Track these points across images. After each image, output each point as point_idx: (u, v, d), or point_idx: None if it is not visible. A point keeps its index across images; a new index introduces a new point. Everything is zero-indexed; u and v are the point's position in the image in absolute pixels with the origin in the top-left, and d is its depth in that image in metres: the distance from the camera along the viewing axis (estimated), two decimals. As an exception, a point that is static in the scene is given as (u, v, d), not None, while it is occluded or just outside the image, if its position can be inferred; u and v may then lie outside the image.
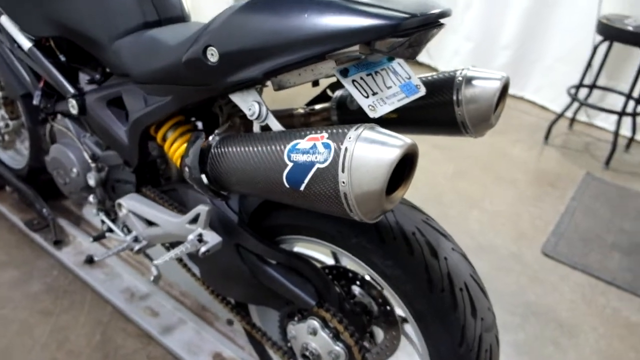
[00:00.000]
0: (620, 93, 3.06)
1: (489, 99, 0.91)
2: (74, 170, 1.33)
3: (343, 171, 0.67)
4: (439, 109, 0.96)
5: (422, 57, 4.07)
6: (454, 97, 0.93)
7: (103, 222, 1.39)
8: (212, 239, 0.99)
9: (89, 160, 1.30)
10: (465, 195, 2.51)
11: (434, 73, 0.98)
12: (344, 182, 0.68)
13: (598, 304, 1.92)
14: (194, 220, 1.01)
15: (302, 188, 0.73)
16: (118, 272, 1.66)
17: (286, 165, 0.74)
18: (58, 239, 1.75)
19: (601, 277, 2.05)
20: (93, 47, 1.17)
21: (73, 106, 1.23)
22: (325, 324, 1.03)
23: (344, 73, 0.81)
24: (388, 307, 1.09)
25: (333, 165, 0.68)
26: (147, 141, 1.17)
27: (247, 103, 0.87)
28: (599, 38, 2.92)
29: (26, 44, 1.28)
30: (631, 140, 3.13)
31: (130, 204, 1.21)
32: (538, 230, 2.33)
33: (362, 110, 1.06)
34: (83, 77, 1.31)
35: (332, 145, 0.69)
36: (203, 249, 0.97)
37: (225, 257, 1.06)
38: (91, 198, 1.36)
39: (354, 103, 1.08)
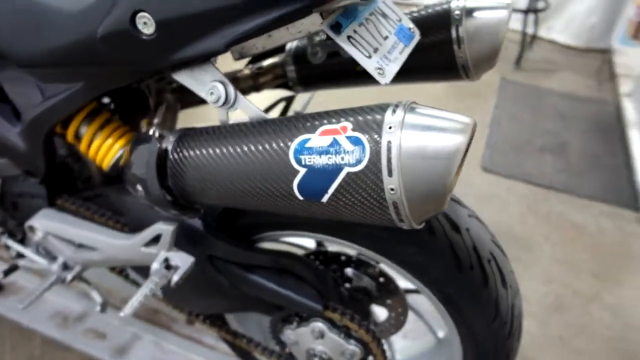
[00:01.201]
0: (521, -9, 3.05)
1: (496, 34, 0.74)
2: (-46, 191, 1.00)
3: (390, 174, 0.49)
4: (434, 52, 0.78)
5: None
6: (453, 36, 0.75)
7: (8, 247, 1.09)
8: (183, 261, 0.77)
9: (-28, 175, 0.99)
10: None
11: (423, 8, 0.79)
12: (392, 189, 0.49)
13: (544, 212, 1.96)
14: (152, 240, 0.78)
15: (324, 200, 0.54)
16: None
17: (296, 171, 0.54)
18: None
19: (540, 184, 2.08)
20: None
21: None
22: (332, 324, 0.88)
23: (337, 29, 0.61)
24: (390, 283, 0.96)
25: (372, 168, 0.50)
26: (53, 140, 0.88)
27: (205, 85, 0.63)
28: None
29: None
30: (534, 37, 3.17)
31: (47, 224, 0.93)
32: (472, 145, 2.30)
33: (329, 62, 0.87)
34: None
35: (365, 140, 0.50)
36: (175, 277, 0.75)
37: (196, 273, 0.85)
38: (-12, 221, 1.05)
39: (317, 55, 0.87)
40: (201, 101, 0.95)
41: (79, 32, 0.66)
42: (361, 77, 0.87)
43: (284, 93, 1.00)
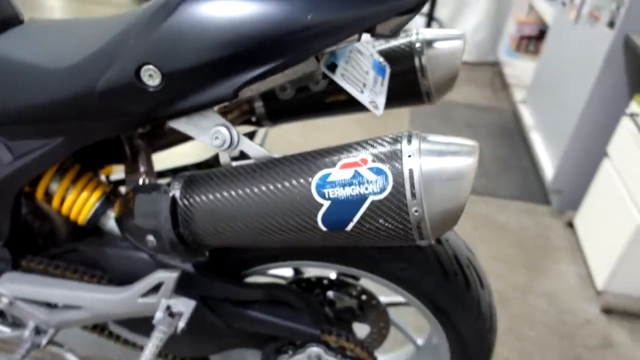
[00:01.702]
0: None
1: (454, 61, 0.83)
2: None
3: (414, 197, 0.54)
4: (400, 81, 0.85)
5: None
6: (417, 65, 0.83)
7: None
8: (186, 306, 0.76)
9: None
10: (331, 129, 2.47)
11: (384, 42, 0.86)
12: (416, 211, 0.55)
13: (472, 214, 2.12)
14: (151, 290, 0.77)
15: (348, 228, 0.58)
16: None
17: (320, 205, 0.58)
18: None
19: (464, 189, 2.25)
20: None
21: None
22: (328, 347, 0.91)
23: (332, 68, 0.66)
24: (372, 299, 1.01)
25: (397, 193, 0.55)
26: (21, 201, 0.84)
27: (207, 130, 0.65)
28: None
29: None
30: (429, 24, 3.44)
31: (15, 289, 0.88)
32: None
33: (298, 97, 0.91)
34: None
35: (387, 169, 0.55)
36: (181, 324, 0.74)
37: (191, 318, 0.84)
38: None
39: (286, 91, 0.91)
40: (172, 143, 0.95)
41: (70, 87, 0.65)
42: (329, 108, 0.92)
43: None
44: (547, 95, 2.48)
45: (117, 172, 0.98)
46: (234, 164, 0.68)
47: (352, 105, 0.89)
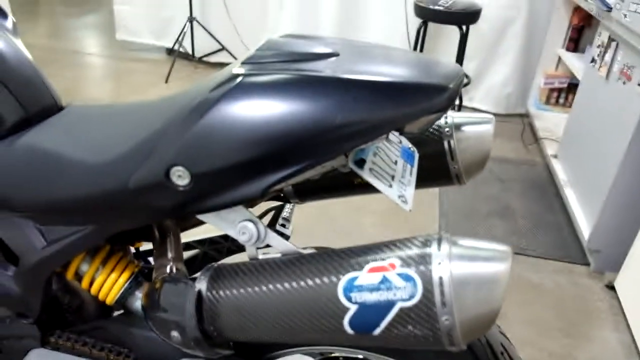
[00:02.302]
0: (446, 68, 3.32)
1: (484, 146, 0.83)
2: None
3: (444, 306, 0.53)
4: (429, 165, 0.85)
5: (222, 57, 3.91)
6: (446, 149, 0.83)
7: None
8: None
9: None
10: (349, 202, 2.47)
11: None
12: (446, 319, 0.53)
13: (505, 275, 2.05)
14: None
15: (376, 332, 0.56)
16: None
17: (346, 308, 0.57)
18: None
19: (497, 248, 2.19)
20: None
21: None
22: None
23: (360, 164, 0.66)
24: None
25: (426, 301, 0.53)
26: (52, 281, 0.85)
27: (234, 224, 0.66)
28: (418, 20, 3.10)
29: None
30: (460, 107, 3.43)
31: (43, 367, 0.88)
32: (428, 216, 2.41)
33: (325, 177, 0.91)
34: None
35: (416, 275, 0.54)
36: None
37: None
38: (-34, 370, 0.97)
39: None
40: (200, 224, 0.95)
41: (103, 182, 0.67)
42: (356, 189, 0.91)
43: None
44: (581, 150, 2.44)
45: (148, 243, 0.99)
46: (261, 254, 0.67)
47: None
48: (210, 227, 1.10)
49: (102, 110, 0.83)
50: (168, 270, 0.75)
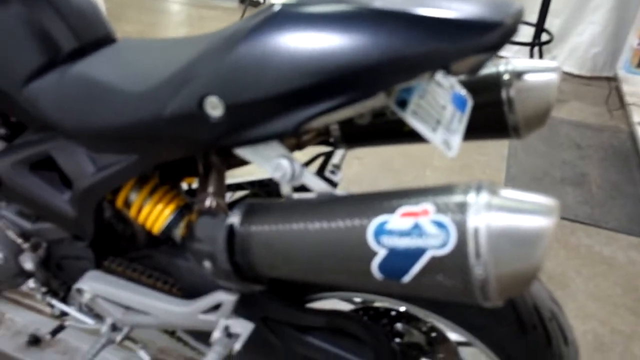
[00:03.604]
0: (529, 24, 3.09)
1: (546, 96, 0.75)
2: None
3: (478, 257, 0.49)
4: (484, 114, 0.78)
5: None
6: (504, 98, 0.76)
7: (52, 306, 1.09)
8: (243, 328, 0.76)
9: (18, 240, 0.99)
10: (413, 157, 2.41)
11: None
12: (480, 272, 0.49)
13: (572, 245, 1.94)
14: (211, 308, 0.78)
15: (405, 280, 0.54)
16: (76, 347, 1.35)
17: (374, 252, 0.54)
18: (-18, 324, 1.39)
19: (565, 217, 2.07)
20: None
21: (-19, 178, 0.90)
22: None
23: (402, 105, 0.61)
24: (442, 337, 0.95)
25: (459, 252, 0.50)
26: (102, 207, 0.89)
27: (269, 161, 0.64)
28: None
29: None
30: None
31: (96, 287, 0.93)
32: (493, 178, 2.30)
33: (374, 122, 0.87)
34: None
35: (450, 224, 0.50)
36: (237, 345, 0.74)
37: (251, 337, 0.84)
38: (32, 283, 1.04)
39: (363, 117, 0.87)
40: (246, 162, 0.95)
41: (142, 111, 0.67)
42: (406, 136, 0.87)
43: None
44: (673, 118, 2.21)
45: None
46: (296, 195, 0.66)
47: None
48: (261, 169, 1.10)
49: (152, 43, 0.83)
50: (207, 203, 0.75)
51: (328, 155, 1.06)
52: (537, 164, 2.43)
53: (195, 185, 1.03)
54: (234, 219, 0.64)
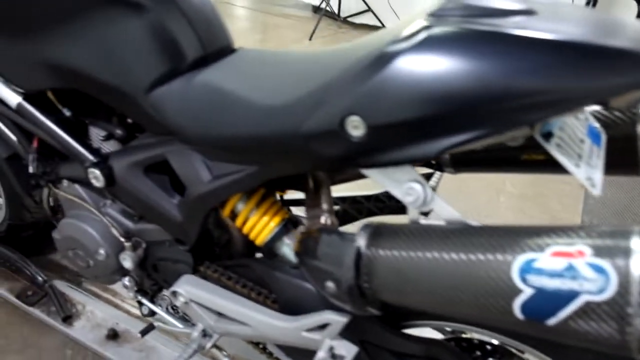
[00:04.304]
0: None
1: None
2: (101, 251, 1.04)
3: (641, 307, 0.46)
4: (614, 148, 0.75)
5: (390, 23, 3.83)
6: (638, 133, 0.73)
7: (141, 304, 1.12)
8: (348, 350, 0.75)
9: (121, 238, 1.02)
10: (487, 181, 2.34)
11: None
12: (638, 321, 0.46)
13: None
14: (316, 327, 0.77)
15: (550, 322, 0.51)
16: (152, 346, 1.39)
17: (518, 290, 0.52)
18: (66, 313, 1.45)
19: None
20: (117, 100, 0.88)
21: (96, 177, 0.93)
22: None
23: (547, 137, 0.59)
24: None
25: (619, 299, 0.47)
26: (210, 215, 0.90)
27: (400, 184, 0.63)
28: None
29: (13, 98, 0.96)
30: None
31: (193, 292, 0.94)
32: (569, 209, 2.22)
33: (488, 149, 0.85)
34: (95, 133, 1.01)
35: (610, 269, 0.48)
36: (341, 368, 0.74)
37: (351, 360, 0.83)
38: (126, 281, 1.08)
39: None
40: (353, 178, 0.95)
41: (275, 125, 0.68)
42: (522, 165, 0.84)
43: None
44: None
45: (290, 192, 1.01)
46: (422, 221, 0.65)
47: (549, 165, 0.81)
48: (350, 185, 1.09)
49: (274, 56, 0.85)
50: (323, 220, 0.75)
51: (426, 177, 1.04)
52: (617, 197, 2.31)
53: (285, 196, 1.04)
54: (361, 241, 0.63)
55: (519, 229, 0.55)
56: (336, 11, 3.85)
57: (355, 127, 0.59)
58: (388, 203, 1.07)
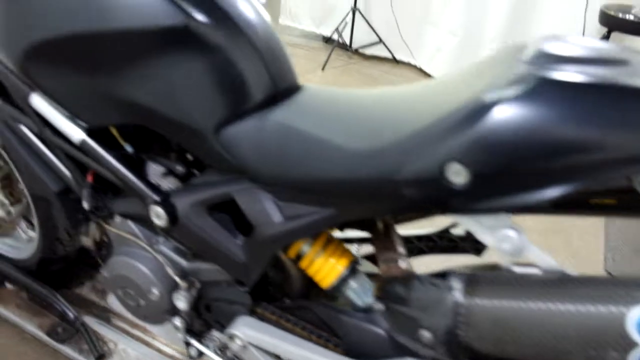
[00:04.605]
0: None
1: None
2: (155, 290, 1.02)
3: None
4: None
5: (401, 55, 3.88)
6: None
7: (189, 344, 1.10)
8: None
9: (176, 277, 1.00)
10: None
11: None
12: None
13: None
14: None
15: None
16: (189, 386, 1.35)
17: (634, 344, 0.52)
18: (100, 352, 1.41)
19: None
20: (185, 137, 0.87)
21: (159, 215, 0.92)
22: None
23: (641, 186, 0.60)
24: None
25: None
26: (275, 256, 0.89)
27: (493, 231, 0.63)
28: (597, 26, 2.87)
29: (77, 134, 0.95)
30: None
31: (251, 335, 0.93)
32: (590, 246, 2.22)
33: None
34: (153, 169, 1.01)
35: None
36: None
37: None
38: (177, 322, 1.06)
39: None
40: (416, 217, 0.94)
41: (363, 169, 0.67)
42: (589, 209, 0.84)
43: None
44: None
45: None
46: (517, 269, 0.65)
47: (619, 209, 0.81)
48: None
49: (341, 95, 0.85)
50: (402, 265, 0.75)
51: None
52: (636, 233, 2.32)
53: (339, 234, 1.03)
54: (457, 291, 0.63)
55: (629, 280, 0.55)
56: (348, 42, 3.90)
57: (457, 175, 0.59)
58: (439, 243, 1.06)
